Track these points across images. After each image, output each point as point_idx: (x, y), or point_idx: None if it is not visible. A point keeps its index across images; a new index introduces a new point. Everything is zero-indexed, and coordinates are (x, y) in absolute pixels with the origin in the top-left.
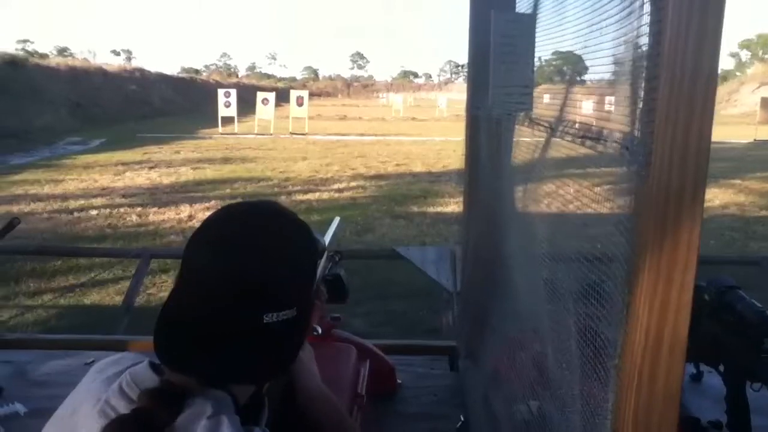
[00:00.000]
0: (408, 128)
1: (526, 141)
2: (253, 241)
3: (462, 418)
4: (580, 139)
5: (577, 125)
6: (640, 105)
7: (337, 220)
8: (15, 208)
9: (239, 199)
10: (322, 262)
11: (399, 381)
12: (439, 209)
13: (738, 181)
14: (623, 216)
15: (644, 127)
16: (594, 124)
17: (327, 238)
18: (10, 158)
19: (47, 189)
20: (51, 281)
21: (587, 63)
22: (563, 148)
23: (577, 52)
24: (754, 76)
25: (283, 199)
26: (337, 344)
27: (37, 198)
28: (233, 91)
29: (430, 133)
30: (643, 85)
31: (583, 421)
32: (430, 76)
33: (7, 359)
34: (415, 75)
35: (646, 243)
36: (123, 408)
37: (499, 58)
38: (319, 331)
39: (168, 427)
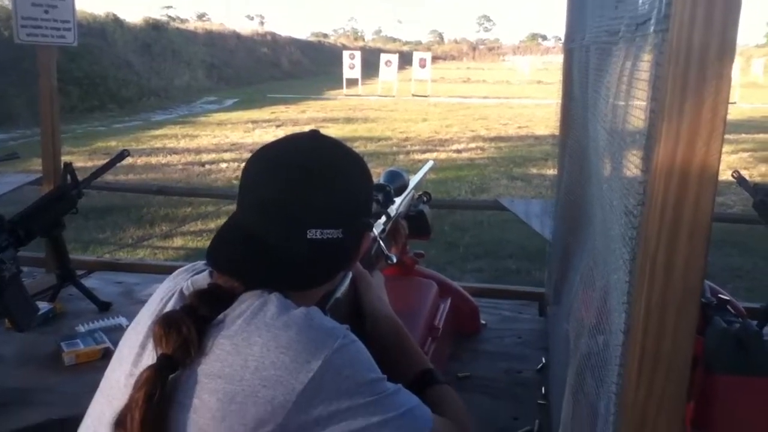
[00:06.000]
0: (533, 91)
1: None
2: (301, 160)
3: (543, 360)
4: None
5: None
6: None
7: (429, 163)
8: (153, 160)
9: None
10: (406, 199)
11: (483, 322)
12: None
13: None
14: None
15: None
16: None
17: (414, 179)
18: (152, 115)
19: (183, 143)
20: (181, 226)
21: None
22: None
23: None
24: None
25: (401, 158)
26: (418, 278)
27: (173, 151)
28: (357, 54)
29: (558, 95)
30: None
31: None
32: (560, 39)
33: (119, 280)
34: (544, 38)
35: (663, 105)
36: (177, 307)
37: None
38: (394, 260)
39: (214, 321)
